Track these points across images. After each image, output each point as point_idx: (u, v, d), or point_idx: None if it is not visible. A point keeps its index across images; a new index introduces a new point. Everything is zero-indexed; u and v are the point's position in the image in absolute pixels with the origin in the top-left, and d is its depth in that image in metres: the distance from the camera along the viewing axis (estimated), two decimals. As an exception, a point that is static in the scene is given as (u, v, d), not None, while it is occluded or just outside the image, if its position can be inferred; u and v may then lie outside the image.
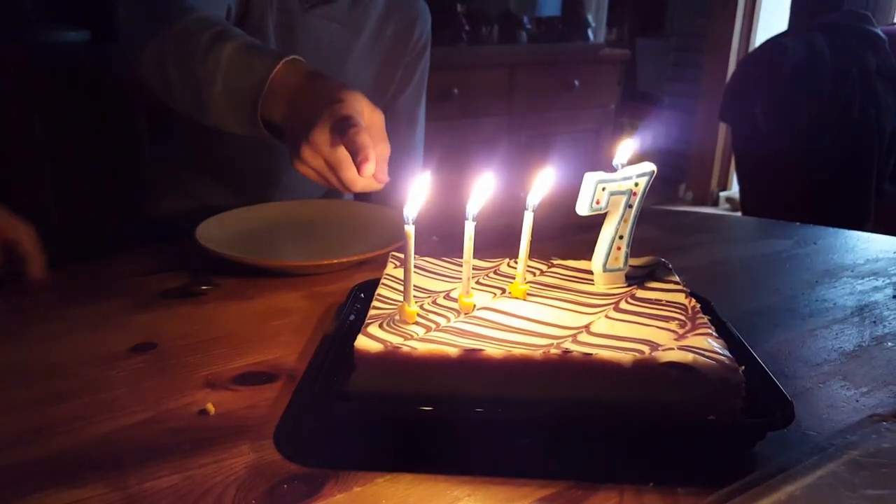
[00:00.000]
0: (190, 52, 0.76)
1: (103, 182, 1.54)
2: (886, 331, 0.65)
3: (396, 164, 1.12)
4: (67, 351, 0.59)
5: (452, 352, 0.45)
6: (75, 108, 1.25)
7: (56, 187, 1.74)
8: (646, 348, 0.46)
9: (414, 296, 0.51)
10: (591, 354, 0.45)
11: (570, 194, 0.56)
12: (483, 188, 0.53)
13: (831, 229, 0.97)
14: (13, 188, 1.71)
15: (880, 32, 1.88)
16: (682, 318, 0.52)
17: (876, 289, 0.75)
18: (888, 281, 0.77)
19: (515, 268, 0.59)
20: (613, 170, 0.56)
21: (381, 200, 1.02)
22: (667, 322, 0.51)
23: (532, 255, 0.58)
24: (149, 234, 1.08)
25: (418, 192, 0.50)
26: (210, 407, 0.50)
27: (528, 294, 0.56)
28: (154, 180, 1.18)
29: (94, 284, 0.75)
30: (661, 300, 0.55)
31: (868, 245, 0.90)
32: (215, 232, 0.81)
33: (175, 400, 0.52)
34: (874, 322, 0.67)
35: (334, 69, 1.04)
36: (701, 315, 0.52)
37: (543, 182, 0.56)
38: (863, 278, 0.78)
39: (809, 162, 1.86)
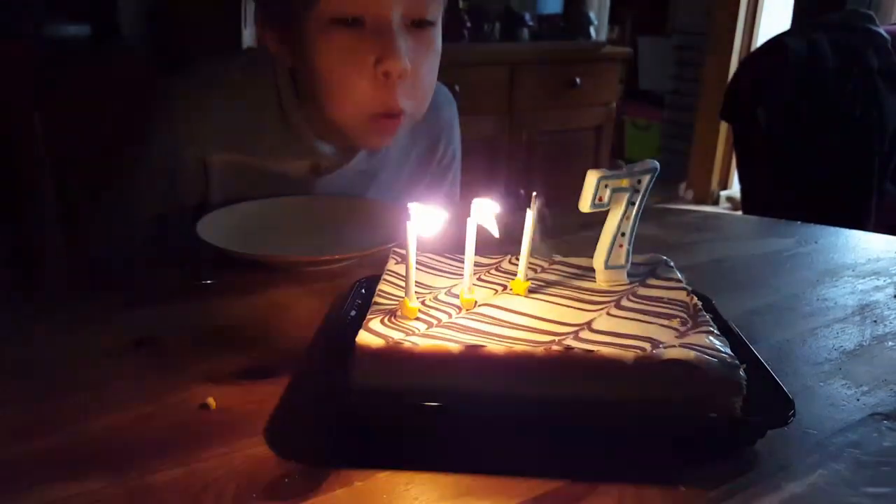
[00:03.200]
0: None
1: (104, 178, 1.53)
2: (887, 330, 0.65)
3: None
4: (68, 346, 0.59)
5: (454, 348, 0.45)
6: (76, 103, 1.25)
7: (56, 182, 1.74)
8: (647, 345, 0.46)
9: (415, 292, 0.51)
10: (592, 351, 0.45)
11: (571, 192, 0.56)
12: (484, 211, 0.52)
13: (832, 228, 0.96)
14: (12, 184, 1.71)
15: (883, 32, 1.88)
16: (684, 315, 0.52)
17: (877, 288, 0.75)
18: (889, 280, 0.77)
19: (517, 265, 0.59)
20: (616, 167, 0.56)
21: None
22: (668, 320, 0.51)
23: (533, 252, 0.58)
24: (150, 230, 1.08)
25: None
26: (211, 401, 0.50)
27: (530, 291, 0.56)
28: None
29: (95, 279, 0.75)
30: (662, 298, 0.55)
31: (869, 244, 0.90)
32: (216, 227, 0.81)
33: (176, 394, 0.52)
34: (875, 321, 0.67)
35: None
36: (702, 313, 0.52)
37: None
38: (864, 277, 0.78)
39: (811, 161, 1.86)
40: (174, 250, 0.81)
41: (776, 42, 1.89)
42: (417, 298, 0.52)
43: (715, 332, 0.48)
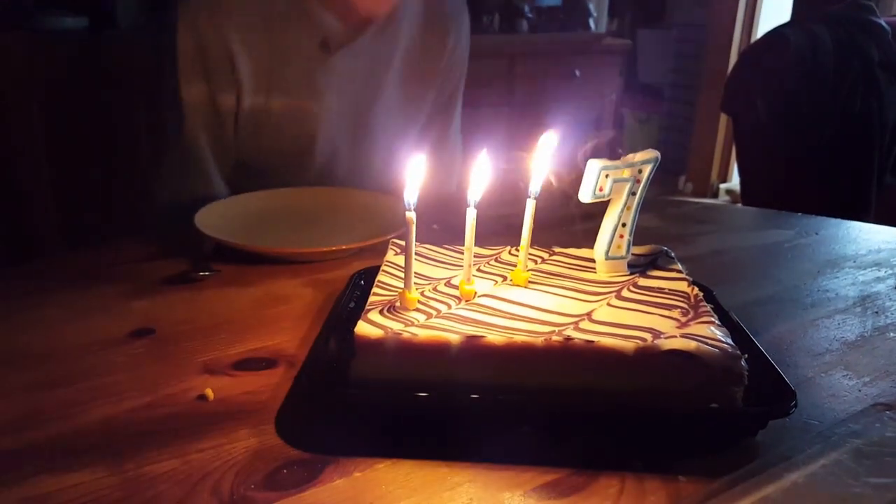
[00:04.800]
0: None
1: (101, 169, 1.52)
2: (888, 321, 0.65)
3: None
4: (66, 336, 0.59)
5: (453, 338, 0.45)
6: (73, 94, 1.24)
7: (53, 174, 1.74)
8: (648, 336, 0.46)
9: (414, 283, 0.51)
10: (593, 342, 0.45)
11: (571, 182, 0.56)
12: (481, 170, 0.52)
13: (833, 220, 0.96)
14: (10, 174, 1.70)
15: (884, 24, 1.87)
16: (685, 306, 0.51)
17: (878, 279, 0.75)
18: (890, 272, 0.77)
19: (517, 255, 0.59)
20: (617, 156, 0.55)
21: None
22: (669, 310, 0.51)
23: (533, 243, 0.57)
24: (148, 221, 1.08)
25: (416, 176, 0.50)
26: (209, 392, 0.50)
27: (530, 282, 0.56)
28: (152, 168, 1.18)
29: (94, 270, 0.74)
30: (663, 288, 0.55)
31: (870, 236, 0.90)
32: (215, 218, 0.80)
33: (174, 385, 0.51)
34: (876, 312, 0.67)
35: (367, 101, 1.01)
36: (703, 303, 0.51)
37: (549, 144, 0.55)
38: (865, 269, 0.78)
39: (811, 154, 1.85)
40: (175, 239, 0.80)
41: (776, 34, 1.88)
42: (417, 289, 0.52)
43: (716, 322, 0.48)
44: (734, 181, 3.42)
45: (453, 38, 1.07)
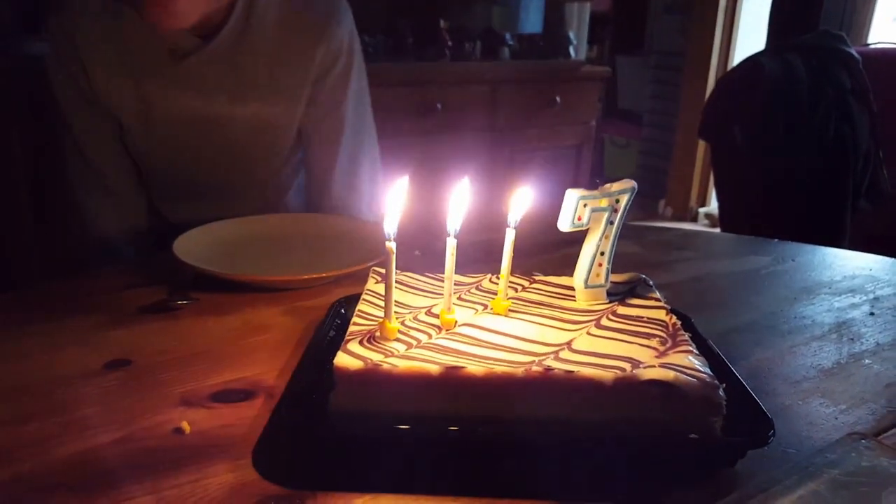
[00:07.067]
0: None
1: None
2: (864, 348, 0.66)
3: (348, 175, 1.09)
4: (40, 368, 0.58)
5: (433, 369, 0.45)
6: (54, 120, 1.23)
7: (33, 200, 1.72)
8: (627, 366, 0.46)
9: (395, 311, 0.51)
10: (572, 372, 0.45)
11: (551, 209, 0.56)
12: (461, 197, 0.53)
13: (809, 246, 0.98)
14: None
15: (854, 53, 1.92)
16: (663, 335, 0.52)
17: (853, 306, 0.76)
18: (865, 298, 0.78)
19: (497, 284, 0.59)
20: (594, 186, 0.56)
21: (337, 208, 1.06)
22: (648, 339, 0.51)
23: (514, 270, 0.58)
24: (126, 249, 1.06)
25: (395, 203, 0.50)
26: (185, 425, 0.49)
27: (510, 310, 0.56)
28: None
29: (70, 299, 0.73)
30: (642, 317, 0.55)
31: (845, 262, 0.91)
32: (193, 246, 0.80)
33: (149, 418, 0.51)
34: (852, 339, 0.68)
35: (225, 109, 0.98)
36: (682, 332, 0.52)
37: (522, 200, 0.56)
38: (840, 295, 0.79)
39: (787, 179, 1.89)
40: (149, 267, 0.79)
41: (751, 62, 1.92)
42: (397, 318, 0.52)
43: (694, 351, 0.48)
44: (713, 205, 3.47)
45: (323, 49, 0.99)
